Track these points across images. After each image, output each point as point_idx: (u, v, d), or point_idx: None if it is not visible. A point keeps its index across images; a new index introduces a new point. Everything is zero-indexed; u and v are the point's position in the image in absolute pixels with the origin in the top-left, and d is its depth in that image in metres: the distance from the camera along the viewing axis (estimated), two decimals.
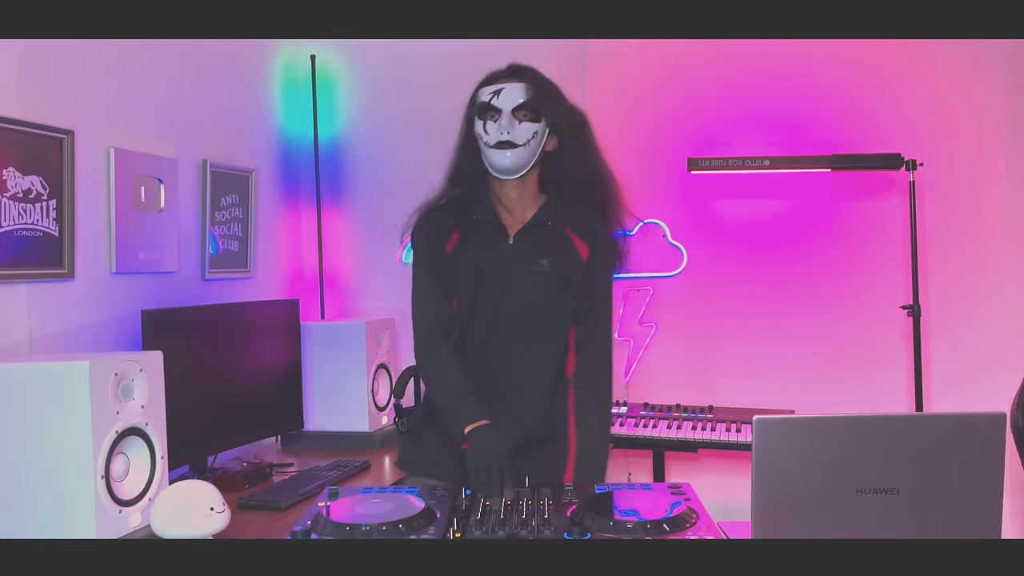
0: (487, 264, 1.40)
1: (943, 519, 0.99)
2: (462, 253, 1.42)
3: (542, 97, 1.38)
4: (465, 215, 1.41)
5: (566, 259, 1.41)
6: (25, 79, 1.60)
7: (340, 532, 1.10)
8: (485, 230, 1.42)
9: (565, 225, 1.42)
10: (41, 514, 1.32)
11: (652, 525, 1.08)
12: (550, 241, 1.41)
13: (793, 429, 1.00)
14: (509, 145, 1.36)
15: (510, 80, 1.38)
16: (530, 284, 1.39)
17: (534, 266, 1.39)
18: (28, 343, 1.59)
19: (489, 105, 1.38)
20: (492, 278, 1.40)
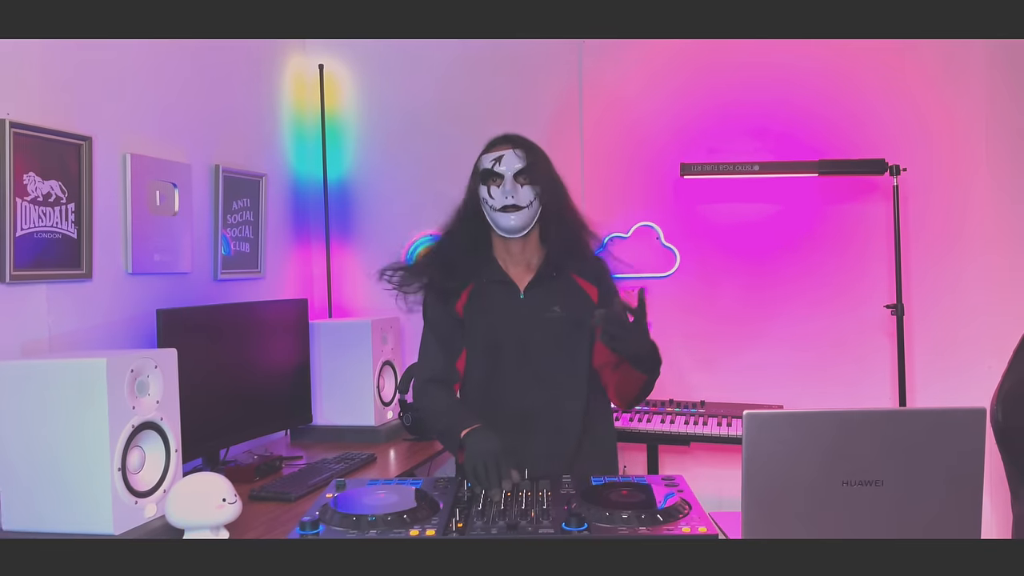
0: (503, 319, 1.47)
1: (925, 510, 1.01)
2: (474, 311, 1.49)
3: (538, 162, 1.48)
4: (475, 275, 1.49)
5: (576, 302, 1.48)
6: (45, 88, 1.64)
7: (347, 522, 1.13)
8: (495, 288, 1.49)
9: (570, 272, 1.50)
10: (60, 505, 1.35)
11: (647, 515, 1.11)
12: (558, 289, 1.48)
13: (782, 423, 1.02)
14: (514, 208, 1.45)
15: (508, 147, 1.48)
16: (546, 331, 1.46)
17: (547, 314, 1.46)
18: (47, 341, 1.63)
19: (492, 172, 1.47)
20: (510, 332, 1.46)
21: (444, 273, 1.49)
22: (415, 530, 1.11)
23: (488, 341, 1.47)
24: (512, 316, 1.47)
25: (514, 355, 1.45)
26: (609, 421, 1.57)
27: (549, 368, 1.46)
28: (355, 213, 2.74)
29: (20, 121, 1.55)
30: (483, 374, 1.48)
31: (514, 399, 1.45)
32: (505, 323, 1.47)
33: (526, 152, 1.47)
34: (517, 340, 1.46)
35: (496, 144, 1.50)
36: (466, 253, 1.50)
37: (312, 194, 2.73)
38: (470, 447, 1.31)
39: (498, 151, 1.48)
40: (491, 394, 1.47)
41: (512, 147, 1.47)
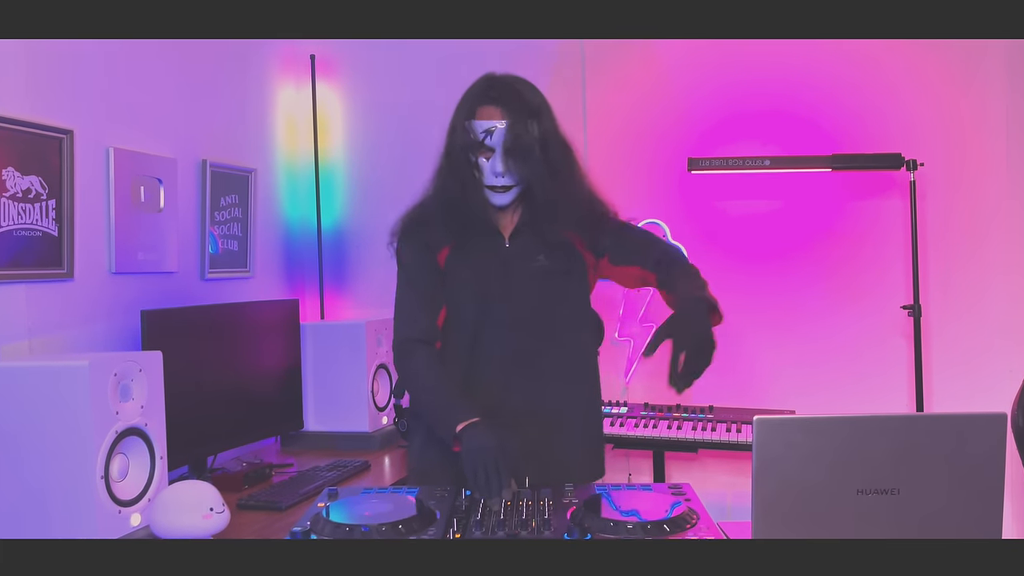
0: (486, 269, 1.43)
1: (944, 519, 0.99)
2: (457, 263, 1.43)
3: (537, 136, 1.38)
4: (459, 225, 1.42)
5: (561, 251, 1.44)
6: (25, 79, 1.60)
7: (340, 532, 1.10)
8: (480, 237, 1.44)
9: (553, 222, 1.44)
10: (41, 514, 1.32)
11: (652, 526, 1.08)
12: (544, 238, 1.43)
13: (794, 429, 1.00)
14: (504, 189, 1.39)
15: (503, 117, 1.38)
16: (530, 281, 1.42)
17: (532, 263, 1.42)
18: (27, 343, 1.59)
19: (483, 144, 1.39)
20: (496, 282, 1.42)
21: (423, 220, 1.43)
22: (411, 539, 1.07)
23: (475, 291, 1.42)
24: (495, 265, 1.43)
25: (500, 306, 1.41)
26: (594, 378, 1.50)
27: (534, 318, 1.42)
28: (348, 209, 2.70)
29: None
30: (468, 326, 1.41)
31: (499, 351, 1.41)
32: (491, 273, 1.42)
33: (521, 123, 1.36)
34: (503, 290, 1.42)
35: (487, 106, 1.38)
36: (449, 199, 1.41)
37: (303, 189, 2.69)
38: (466, 445, 1.25)
39: (490, 120, 1.37)
40: (476, 346, 1.42)
41: (506, 118, 1.36)
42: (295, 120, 2.67)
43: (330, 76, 2.69)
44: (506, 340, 1.41)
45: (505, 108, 1.38)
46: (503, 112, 1.38)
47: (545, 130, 1.40)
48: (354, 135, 2.70)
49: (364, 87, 2.68)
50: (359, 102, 2.69)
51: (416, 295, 1.42)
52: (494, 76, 1.45)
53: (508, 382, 1.41)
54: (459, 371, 1.42)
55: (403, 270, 1.45)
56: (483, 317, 1.42)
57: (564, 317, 1.45)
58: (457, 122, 1.42)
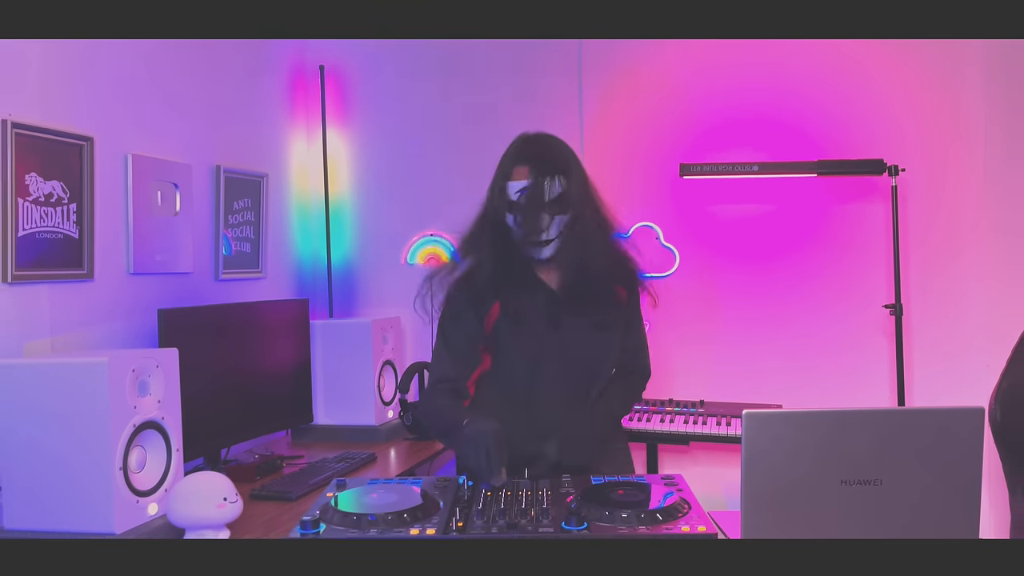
0: (535, 321, 1.43)
1: (924, 509, 1.01)
2: (510, 320, 1.43)
3: (563, 191, 1.39)
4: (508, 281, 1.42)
5: (608, 304, 1.46)
6: (46, 88, 1.64)
7: (347, 521, 1.13)
8: (527, 291, 1.44)
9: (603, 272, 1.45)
10: (62, 505, 1.35)
11: (646, 515, 1.11)
12: (591, 290, 1.44)
13: (781, 423, 1.02)
14: (544, 243, 1.40)
15: (533, 176, 1.38)
16: (576, 332, 1.44)
17: (579, 316, 1.44)
18: (49, 341, 1.63)
19: (518, 203, 1.39)
20: (541, 333, 1.43)
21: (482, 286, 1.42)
22: (415, 529, 1.11)
23: (527, 350, 1.43)
24: (544, 316, 1.43)
25: (554, 362, 1.43)
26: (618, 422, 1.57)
27: (575, 371, 1.44)
28: (356, 214, 2.75)
29: (21, 121, 1.56)
30: (523, 386, 1.43)
31: (550, 401, 1.43)
32: (538, 323, 1.43)
33: (551, 180, 1.38)
34: (547, 341, 1.43)
35: (520, 167, 1.40)
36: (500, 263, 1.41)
37: (313, 194, 2.74)
38: (466, 432, 1.28)
39: (522, 180, 1.39)
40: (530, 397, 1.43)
41: (536, 177, 1.38)
42: (305, 127, 2.72)
43: (338, 85, 2.73)
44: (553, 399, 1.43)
45: (534, 166, 1.39)
46: (530, 171, 1.39)
47: (573, 186, 1.39)
48: (362, 141, 2.74)
49: (371, 93, 2.72)
50: (366, 110, 2.72)
51: (457, 342, 1.45)
52: (527, 136, 1.46)
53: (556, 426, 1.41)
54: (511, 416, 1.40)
55: (450, 316, 1.45)
56: (536, 372, 1.43)
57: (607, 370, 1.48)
58: (495, 185, 1.43)
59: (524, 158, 1.41)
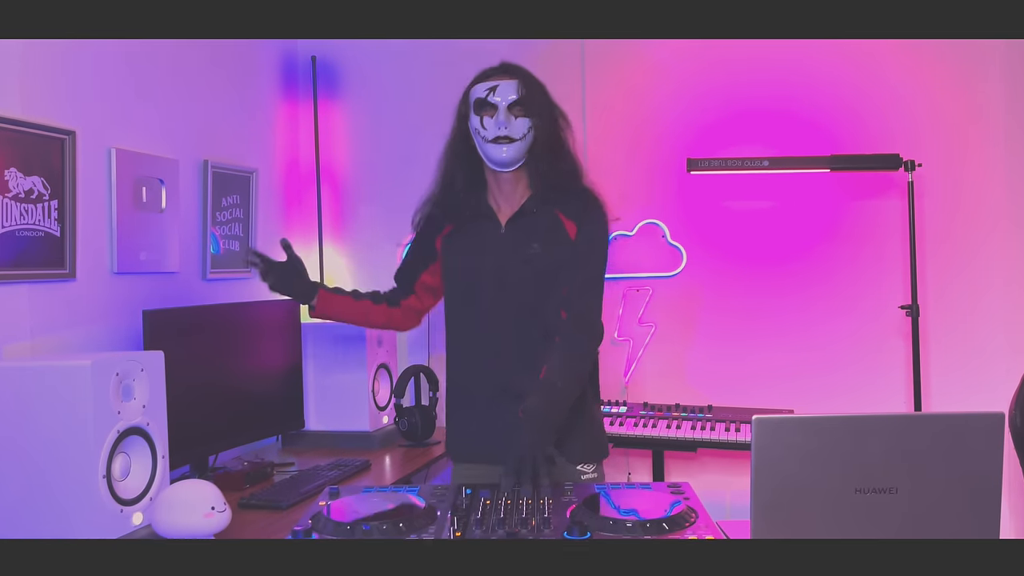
0: (482, 253, 1.47)
1: (942, 518, 0.99)
2: (453, 244, 1.51)
3: (533, 93, 1.45)
4: (459, 209, 1.50)
5: (556, 239, 1.46)
6: (27, 80, 1.60)
7: (341, 531, 1.10)
8: (479, 222, 1.49)
9: (555, 208, 1.48)
10: (43, 513, 1.33)
11: (652, 524, 1.09)
12: (541, 226, 1.47)
13: (792, 429, 1.00)
14: (507, 140, 1.43)
15: (504, 77, 1.45)
16: (523, 268, 1.45)
17: (527, 250, 1.46)
18: (30, 343, 1.59)
19: (485, 101, 1.45)
20: (487, 265, 1.47)
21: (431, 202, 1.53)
22: (411, 539, 1.08)
23: (466, 275, 1.48)
24: (491, 251, 1.47)
25: (491, 290, 1.46)
26: None
27: (525, 305, 1.45)
28: (349, 210, 2.71)
29: (0, 115, 1.52)
30: (460, 308, 1.50)
31: (490, 334, 1.45)
32: (484, 258, 1.47)
33: (521, 81, 1.44)
34: (495, 275, 1.46)
35: (491, 73, 1.47)
36: (465, 189, 1.49)
37: (305, 190, 2.69)
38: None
39: (493, 80, 1.45)
40: (468, 328, 1.49)
41: (508, 76, 1.45)
42: (296, 121, 2.67)
43: (331, 77, 2.69)
44: (496, 325, 1.45)
45: (506, 71, 1.47)
46: (503, 75, 1.46)
47: (546, 98, 1.47)
48: (355, 135, 2.70)
49: (364, 88, 2.68)
50: (359, 102, 2.69)
51: (400, 266, 1.63)
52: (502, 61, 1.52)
53: (494, 364, 1.45)
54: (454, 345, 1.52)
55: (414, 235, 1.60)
56: (472, 302, 1.47)
57: (551, 310, 1.45)
58: (460, 104, 1.50)
59: (498, 69, 1.48)
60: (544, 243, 1.45)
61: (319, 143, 2.65)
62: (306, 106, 2.66)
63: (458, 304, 1.51)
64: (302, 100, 2.67)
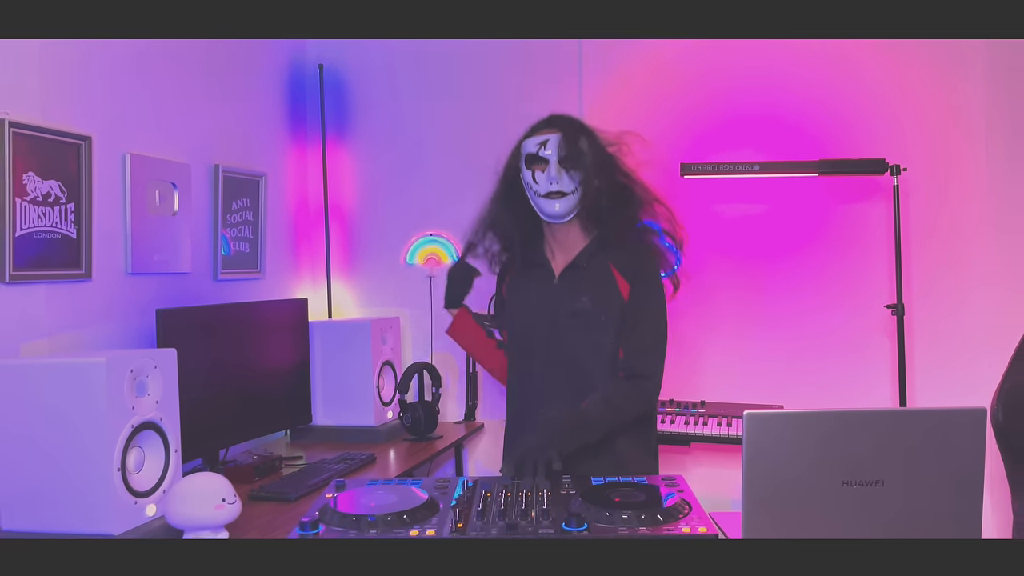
0: (536, 302, 1.51)
1: (926, 510, 1.01)
2: (514, 290, 1.57)
3: (582, 146, 1.47)
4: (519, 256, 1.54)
5: (606, 295, 1.47)
6: (45, 87, 1.63)
7: (347, 522, 1.12)
8: (535, 271, 1.54)
9: (609, 261, 1.49)
10: (59, 506, 1.35)
11: (647, 516, 1.10)
12: (592, 279, 1.48)
13: (782, 423, 1.02)
14: (559, 195, 1.45)
15: (553, 131, 1.48)
16: (572, 320, 1.47)
17: (575, 303, 1.47)
18: (47, 341, 1.62)
19: (537, 156, 1.47)
20: (538, 315, 1.50)
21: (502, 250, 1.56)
22: (415, 530, 1.11)
23: (522, 323, 1.52)
24: (544, 301, 1.50)
25: (543, 340, 1.49)
26: None
27: (573, 357, 1.47)
28: (356, 213, 2.74)
29: (19, 121, 1.55)
30: (518, 353, 1.54)
31: (541, 380, 1.48)
32: (538, 307, 1.50)
33: (571, 136, 1.46)
34: (547, 325, 1.49)
35: (541, 127, 1.50)
36: (521, 236, 1.52)
37: (312, 193, 2.73)
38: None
39: (543, 135, 1.47)
40: (523, 371, 1.52)
41: (557, 131, 1.47)
42: (304, 127, 2.71)
43: (338, 83, 2.73)
44: (547, 372, 1.48)
45: (556, 125, 1.48)
46: (553, 128, 1.48)
47: (596, 148, 1.48)
48: (361, 142, 2.74)
49: (370, 93, 2.71)
50: (365, 109, 2.72)
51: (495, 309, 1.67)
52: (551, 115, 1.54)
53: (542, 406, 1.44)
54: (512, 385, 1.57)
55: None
56: (528, 349, 1.51)
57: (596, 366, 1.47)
58: (511, 156, 1.52)
59: (546, 122, 1.50)
60: (594, 297, 1.46)
61: (326, 147, 2.69)
62: (313, 112, 2.70)
63: (516, 349, 1.55)
64: (310, 106, 2.70)
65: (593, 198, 1.46)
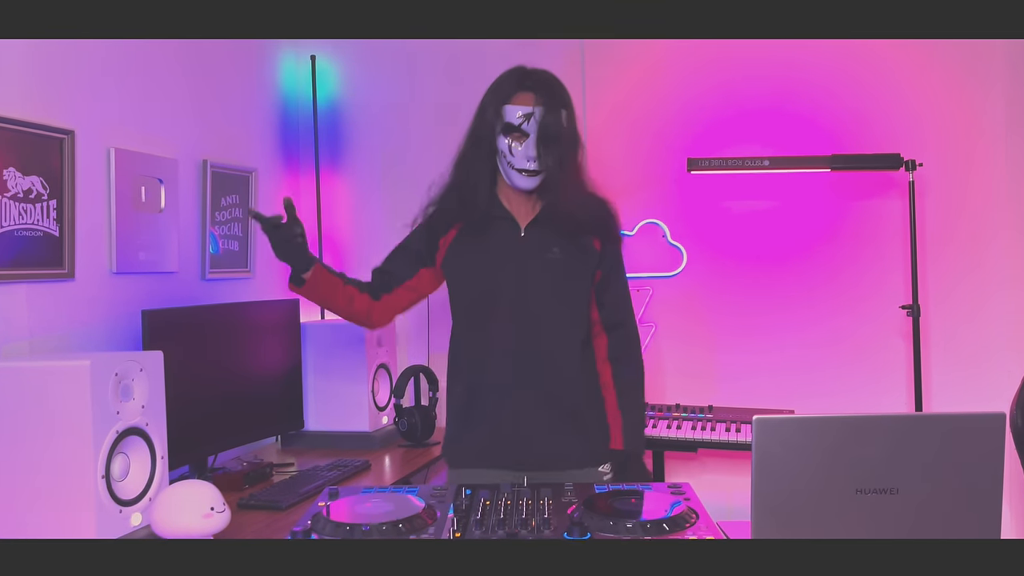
0: (501, 256, 1.46)
1: (943, 519, 0.99)
2: (465, 247, 1.48)
3: (563, 123, 1.43)
4: (473, 208, 1.47)
5: (577, 247, 1.47)
6: (26, 79, 1.59)
7: (340, 532, 1.10)
8: (495, 224, 1.47)
9: (574, 216, 1.47)
10: (41, 514, 1.32)
11: (652, 525, 1.08)
12: (563, 231, 1.47)
13: (793, 429, 1.00)
14: (533, 173, 1.43)
15: (540, 104, 1.41)
16: (544, 272, 1.45)
17: (547, 254, 1.45)
18: (28, 343, 1.59)
19: (518, 128, 1.42)
20: (506, 270, 1.46)
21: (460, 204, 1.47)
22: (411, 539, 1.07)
23: (483, 280, 1.46)
24: (511, 253, 1.46)
25: (510, 294, 1.44)
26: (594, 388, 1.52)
27: (544, 311, 1.44)
28: (349, 210, 2.70)
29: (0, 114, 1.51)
30: (477, 311, 1.47)
31: (506, 340, 1.44)
32: (503, 260, 1.46)
33: (554, 110, 1.41)
34: (515, 279, 1.45)
35: (522, 90, 1.43)
36: (479, 187, 1.46)
37: (304, 189, 2.69)
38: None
39: (525, 105, 1.41)
40: (483, 331, 1.46)
41: (542, 106, 1.40)
42: (296, 120, 2.67)
43: (330, 77, 2.69)
44: (511, 331, 1.44)
45: (540, 95, 1.42)
46: (538, 99, 1.42)
47: (571, 124, 1.45)
48: (354, 134, 2.70)
49: (364, 87, 2.68)
50: (359, 102, 2.69)
51: (391, 254, 1.55)
52: (527, 67, 1.48)
53: (510, 371, 1.43)
54: (460, 351, 1.49)
55: (413, 227, 1.55)
56: (490, 304, 1.45)
57: (568, 316, 1.46)
58: (489, 106, 1.45)
59: (527, 85, 1.44)
60: (565, 248, 1.45)
61: (318, 142, 2.65)
62: (305, 105, 2.66)
63: (474, 308, 1.47)
64: (301, 99, 2.66)
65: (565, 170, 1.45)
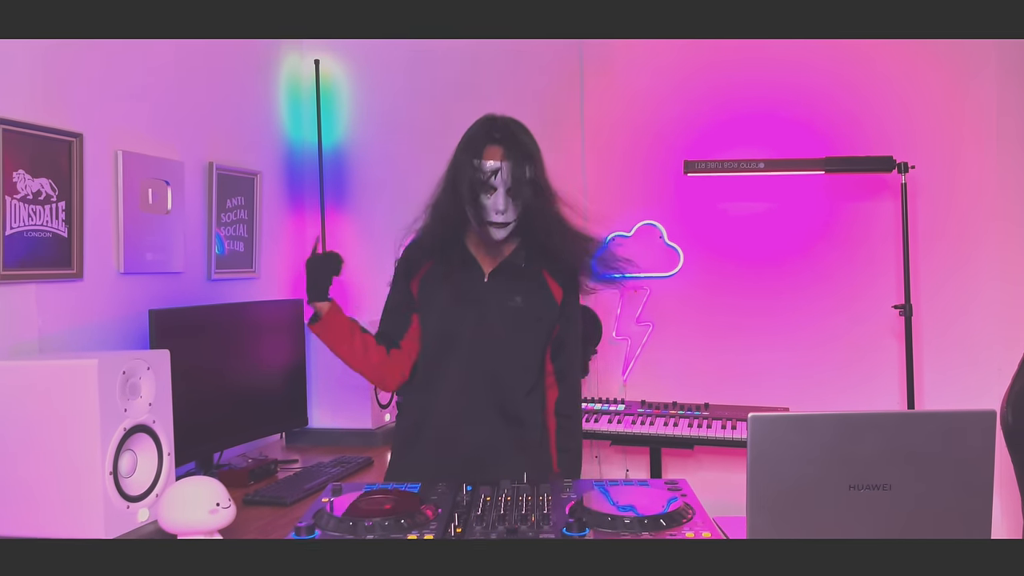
0: (462, 301, 1.48)
1: (935, 515, 1.00)
2: (433, 288, 1.50)
3: (530, 180, 1.46)
4: (441, 252, 1.50)
5: (539, 297, 1.49)
6: (36, 83, 1.61)
7: (343, 527, 1.11)
8: (460, 268, 1.49)
9: (541, 266, 1.50)
10: (51, 510, 1.34)
11: (649, 520, 1.09)
12: (524, 280, 1.49)
13: (787, 426, 1.01)
14: (502, 225, 1.45)
15: (507, 159, 1.45)
16: (501, 318, 1.46)
17: (508, 302, 1.47)
18: (37, 342, 1.61)
19: (487, 183, 1.45)
20: (467, 314, 1.47)
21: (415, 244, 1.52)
22: (413, 535, 1.10)
23: (444, 321, 1.48)
24: (472, 297, 1.47)
25: (467, 340, 1.46)
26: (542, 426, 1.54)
27: (500, 356, 1.46)
28: (352, 211, 2.72)
29: (9, 118, 1.53)
30: (433, 354, 1.49)
31: (461, 382, 1.46)
32: (464, 306, 1.47)
33: (520, 163, 1.44)
34: (473, 325, 1.46)
35: (491, 148, 1.45)
36: (438, 227, 1.49)
37: (308, 193, 2.71)
38: None
39: (494, 160, 1.44)
40: (432, 373, 1.49)
41: (509, 160, 1.44)
42: (300, 123, 2.69)
43: (334, 81, 2.71)
44: (465, 375, 1.46)
45: (507, 149, 1.45)
46: (504, 153, 1.45)
47: (538, 173, 1.47)
48: (357, 137, 2.72)
49: (368, 89, 2.70)
50: (362, 106, 2.70)
51: (391, 301, 1.57)
52: (494, 117, 1.51)
53: (460, 410, 1.46)
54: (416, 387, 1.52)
55: (393, 280, 1.58)
56: (447, 345, 1.47)
57: (521, 364, 1.48)
58: (463, 160, 1.47)
59: (496, 139, 1.46)
60: (527, 298, 1.47)
61: (322, 145, 2.67)
62: (309, 109, 2.68)
63: (433, 346, 1.49)
64: (305, 103, 2.68)
65: (530, 222, 1.47)
